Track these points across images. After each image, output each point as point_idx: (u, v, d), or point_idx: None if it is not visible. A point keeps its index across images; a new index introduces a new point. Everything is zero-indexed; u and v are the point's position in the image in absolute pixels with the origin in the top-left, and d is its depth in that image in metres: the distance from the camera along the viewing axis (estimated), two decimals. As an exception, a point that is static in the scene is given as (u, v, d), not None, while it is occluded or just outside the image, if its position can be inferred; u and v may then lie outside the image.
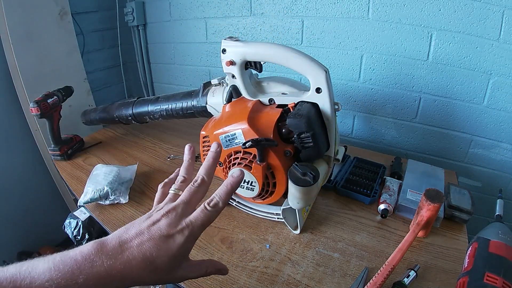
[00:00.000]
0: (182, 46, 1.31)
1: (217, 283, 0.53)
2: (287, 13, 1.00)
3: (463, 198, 0.66)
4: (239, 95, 0.62)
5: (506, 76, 0.77)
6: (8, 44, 0.99)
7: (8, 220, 1.15)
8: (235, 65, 0.60)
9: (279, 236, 0.63)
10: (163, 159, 0.94)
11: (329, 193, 0.75)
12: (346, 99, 1.01)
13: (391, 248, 0.58)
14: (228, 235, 0.63)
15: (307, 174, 0.51)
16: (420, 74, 0.87)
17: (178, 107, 0.78)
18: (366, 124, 1.02)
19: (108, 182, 0.73)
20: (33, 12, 1.02)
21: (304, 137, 0.52)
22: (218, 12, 1.14)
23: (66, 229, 0.88)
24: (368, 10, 0.87)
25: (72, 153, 0.96)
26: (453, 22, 0.78)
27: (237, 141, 0.56)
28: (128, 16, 1.34)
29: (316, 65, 0.53)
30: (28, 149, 1.17)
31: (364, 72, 0.95)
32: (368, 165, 0.84)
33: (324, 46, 0.98)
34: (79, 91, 1.12)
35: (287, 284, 0.52)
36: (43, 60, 1.08)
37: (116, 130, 1.15)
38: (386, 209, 0.66)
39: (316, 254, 0.58)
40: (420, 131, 0.94)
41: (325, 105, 0.55)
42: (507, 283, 0.40)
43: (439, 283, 0.51)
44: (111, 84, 1.50)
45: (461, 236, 0.62)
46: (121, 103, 0.93)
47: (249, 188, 0.57)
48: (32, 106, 0.85)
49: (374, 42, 0.90)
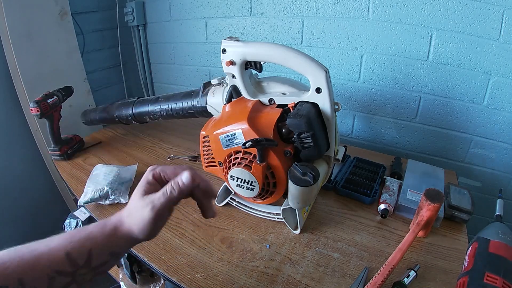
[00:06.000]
0: (182, 46, 1.31)
1: (217, 283, 0.53)
2: (287, 13, 1.00)
3: (463, 198, 0.66)
4: (239, 95, 0.62)
5: (506, 76, 0.77)
6: (8, 44, 0.99)
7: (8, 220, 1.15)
8: (235, 65, 0.60)
9: (279, 236, 0.63)
10: (163, 159, 0.94)
11: (329, 193, 0.75)
12: (346, 99, 1.01)
13: (391, 248, 0.58)
14: (228, 235, 0.63)
15: (307, 174, 0.51)
16: (420, 74, 0.87)
17: (178, 107, 0.78)
18: (366, 124, 1.02)
19: (108, 182, 0.73)
20: (33, 12, 1.02)
21: (304, 137, 0.52)
22: (218, 12, 1.14)
23: (66, 229, 0.88)
24: (368, 10, 0.87)
25: (72, 153, 0.96)
26: (453, 22, 0.78)
27: (237, 141, 0.56)
28: (128, 16, 1.34)
29: (316, 65, 0.53)
30: (28, 149, 1.17)
31: (364, 72, 0.95)
32: (368, 165, 0.84)
33: (324, 46, 0.98)
34: (79, 91, 1.12)
35: (287, 284, 0.52)
36: (43, 60, 1.08)
37: (116, 130, 1.15)
38: (386, 209, 0.66)
39: (316, 254, 0.58)
40: (420, 131, 0.94)
41: (325, 105, 0.55)
42: (507, 283, 0.40)
43: (439, 283, 0.51)
44: (111, 84, 1.50)
45: (461, 236, 0.62)
46: (121, 103, 0.93)
47: (249, 188, 0.57)
48: (32, 106, 0.85)
49: (374, 42, 0.90)
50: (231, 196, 0.69)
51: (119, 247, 0.37)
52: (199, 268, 0.56)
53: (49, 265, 0.31)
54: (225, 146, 0.58)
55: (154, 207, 0.35)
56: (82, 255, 0.33)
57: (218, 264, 0.57)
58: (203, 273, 0.55)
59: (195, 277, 0.54)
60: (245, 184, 0.57)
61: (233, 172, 0.57)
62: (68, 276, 0.32)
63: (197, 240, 0.62)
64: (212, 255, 0.59)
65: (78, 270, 0.33)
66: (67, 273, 0.32)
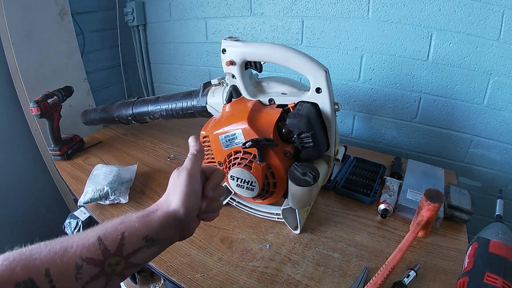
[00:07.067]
0: (182, 46, 1.31)
1: (217, 283, 0.53)
2: (287, 13, 1.00)
3: (463, 198, 0.66)
4: (239, 95, 0.62)
5: (506, 76, 0.77)
6: (8, 44, 0.99)
7: (8, 220, 1.15)
8: (235, 65, 0.60)
9: (279, 236, 0.63)
10: (163, 159, 0.94)
11: (329, 193, 0.75)
12: (346, 99, 1.01)
13: (391, 248, 0.58)
14: (228, 235, 0.63)
15: (307, 174, 0.51)
16: (420, 74, 0.87)
17: (178, 107, 0.78)
18: (366, 124, 1.02)
19: (108, 182, 0.73)
20: (33, 12, 1.02)
21: (304, 137, 0.52)
22: (218, 12, 1.14)
23: (66, 229, 0.88)
24: (368, 10, 0.87)
25: (72, 153, 0.96)
26: (453, 22, 0.78)
27: (237, 141, 0.56)
28: (128, 16, 1.34)
29: (316, 65, 0.53)
30: (28, 149, 1.17)
31: (364, 72, 0.95)
32: (368, 165, 0.84)
33: (324, 46, 0.98)
34: (79, 91, 1.12)
35: (287, 284, 0.52)
36: (43, 60, 1.08)
37: (116, 130, 1.15)
38: (386, 209, 0.66)
39: (316, 254, 0.58)
40: (420, 131, 0.94)
41: (325, 105, 0.55)
42: (507, 283, 0.40)
43: (439, 283, 0.51)
44: (111, 84, 1.50)
45: (461, 236, 0.62)
46: (121, 103, 0.93)
47: (249, 188, 0.57)
48: (32, 106, 0.85)
49: (374, 42, 0.90)
50: (231, 196, 0.69)
51: (155, 232, 0.34)
52: (199, 268, 0.56)
53: (79, 252, 0.29)
54: (225, 146, 0.58)
55: (186, 168, 0.38)
56: (114, 240, 0.31)
57: (218, 264, 0.57)
58: (203, 273, 0.55)
59: (195, 277, 0.54)
60: (245, 184, 0.57)
61: (233, 172, 0.57)
62: (97, 265, 0.30)
63: (197, 240, 0.62)
64: (212, 255, 0.59)
65: (109, 259, 0.31)
66: (96, 262, 0.30)
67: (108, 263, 0.30)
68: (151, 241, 0.34)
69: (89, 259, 0.29)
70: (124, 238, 0.32)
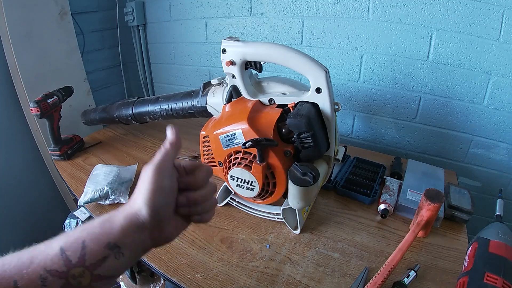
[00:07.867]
0: (182, 46, 1.31)
1: (217, 283, 0.53)
2: (287, 13, 1.00)
3: (463, 198, 0.66)
4: (239, 95, 0.62)
5: (506, 76, 0.77)
6: (8, 44, 0.99)
7: (8, 220, 1.15)
8: (235, 65, 0.60)
9: (279, 236, 0.63)
10: (163, 159, 0.94)
11: (329, 193, 0.75)
12: (346, 99, 1.01)
13: (391, 248, 0.58)
14: (228, 235, 0.63)
15: (307, 174, 0.51)
16: (420, 74, 0.87)
17: (178, 107, 0.78)
18: (366, 124, 1.02)
19: (108, 182, 0.73)
20: (33, 12, 1.02)
21: (304, 137, 0.52)
22: (218, 12, 1.14)
23: (66, 229, 0.88)
24: (368, 10, 0.87)
25: (72, 153, 0.96)
26: (453, 22, 0.78)
27: (237, 141, 0.56)
28: (128, 16, 1.34)
29: (316, 65, 0.53)
30: (28, 149, 1.17)
31: (364, 72, 0.95)
32: (368, 165, 0.84)
33: (324, 46, 0.98)
34: (79, 91, 1.12)
35: (287, 284, 0.52)
36: (43, 60, 1.08)
37: (116, 130, 1.15)
38: (386, 209, 0.66)
39: (316, 254, 0.58)
40: (420, 131, 0.94)
41: (325, 105, 0.55)
42: (507, 283, 0.40)
43: (439, 283, 0.51)
44: (111, 84, 1.50)
45: (461, 236, 0.62)
46: (121, 103, 0.93)
47: (249, 188, 0.57)
48: (32, 106, 0.85)
49: (374, 42, 0.90)
50: (231, 196, 0.69)
51: (118, 237, 0.30)
52: (199, 268, 0.56)
53: (43, 264, 0.27)
54: (225, 146, 0.58)
55: (152, 162, 0.33)
56: (75, 249, 0.29)
57: (218, 264, 0.57)
58: (203, 273, 0.55)
59: (195, 277, 0.54)
60: (245, 184, 0.57)
61: (233, 172, 0.57)
62: (62, 277, 0.28)
63: (197, 240, 0.62)
64: (212, 255, 0.59)
65: (71, 270, 0.28)
66: (60, 274, 0.28)
67: (71, 274, 0.28)
68: (116, 248, 0.30)
69: (53, 271, 0.27)
70: (86, 247, 0.29)
